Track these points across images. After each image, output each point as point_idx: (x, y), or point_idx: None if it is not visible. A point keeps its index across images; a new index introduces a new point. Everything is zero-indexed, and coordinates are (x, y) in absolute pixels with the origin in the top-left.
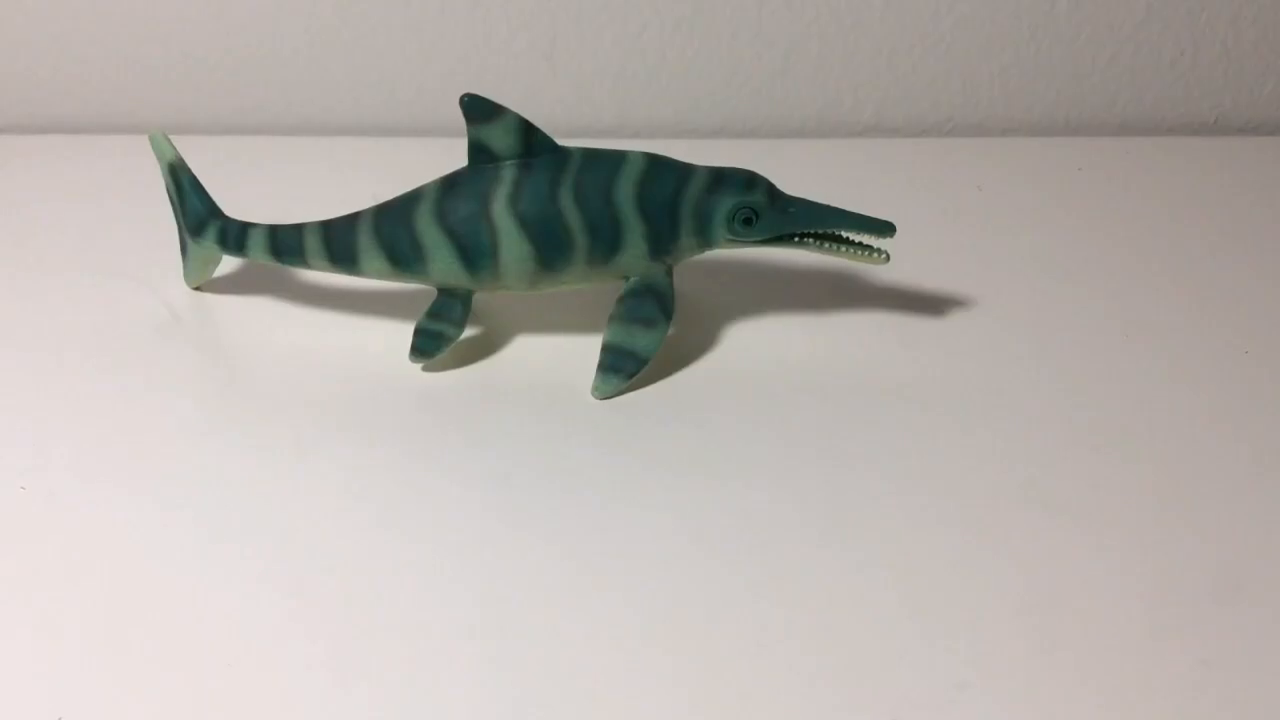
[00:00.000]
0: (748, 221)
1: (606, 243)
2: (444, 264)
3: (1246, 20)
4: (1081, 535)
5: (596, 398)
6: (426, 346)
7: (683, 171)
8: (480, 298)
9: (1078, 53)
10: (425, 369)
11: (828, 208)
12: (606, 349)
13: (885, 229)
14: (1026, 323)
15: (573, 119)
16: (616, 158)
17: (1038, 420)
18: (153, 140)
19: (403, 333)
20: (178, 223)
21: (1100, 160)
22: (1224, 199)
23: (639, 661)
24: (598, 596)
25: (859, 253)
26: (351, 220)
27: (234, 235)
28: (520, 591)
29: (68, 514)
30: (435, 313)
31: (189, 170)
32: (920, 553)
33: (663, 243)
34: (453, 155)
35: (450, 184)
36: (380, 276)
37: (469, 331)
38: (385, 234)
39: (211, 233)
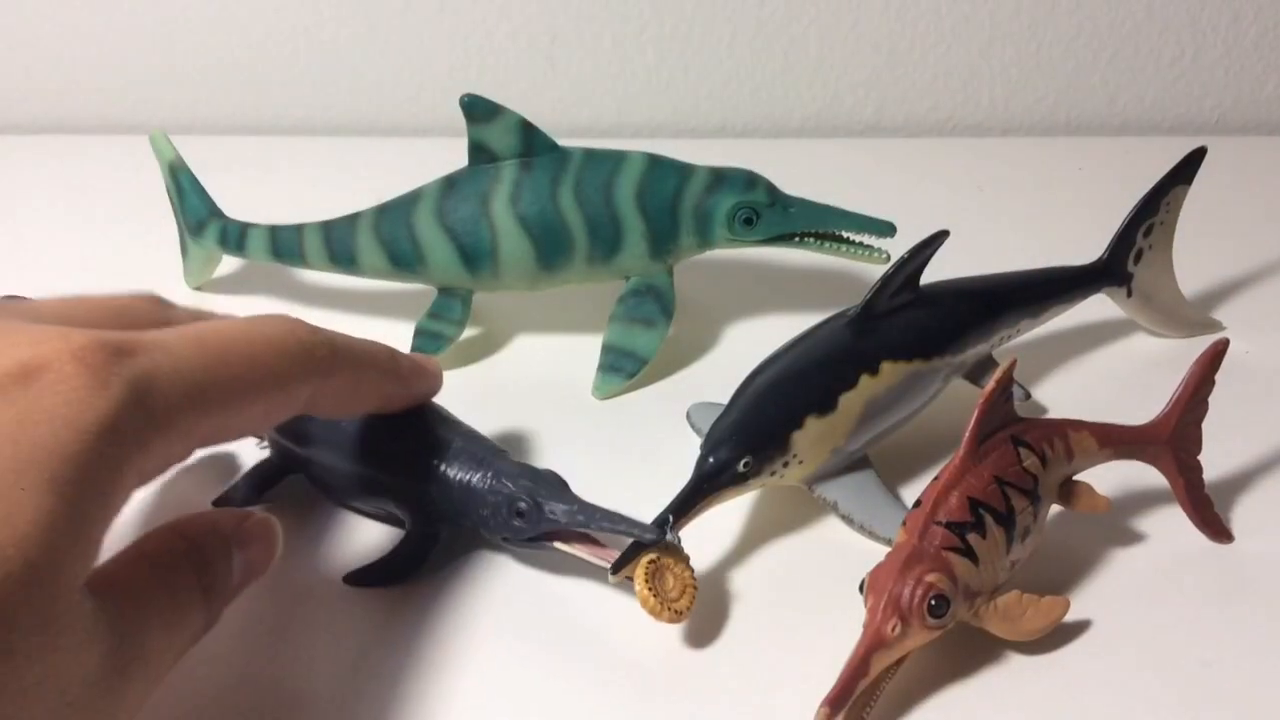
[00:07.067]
0: (748, 221)
1: (606, 242)
2: (444, 264)
3: (1247, 20)
4: (1081, 534)
5: (597, 398)
6: (426, 346)
7: (683, 171)
8: (480, 298)
9: (1078, 52)
10: None
11: (828, 208)
12: (607, 349)
13: (885, 229)
14: None
15: (573, 119)
16: (616, 158)
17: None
18: (153, 140)
19: (403, 333)
20: (178, 223)
21: (1100, 160)
22: (1224, 199)
23: (639, 661)
24: (598, 594)
25: (859, 252)
26: (351, 220)
27: (234, 235)
28: (520, 592)
29: None
30: (435, 313)
31: (189, 170)
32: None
33: (663, 242)
34: (453, 155)
35: (450, 184)
36: (380, 276)
37: (469, 331)
38: (385, 234)
39: (211, 233)
